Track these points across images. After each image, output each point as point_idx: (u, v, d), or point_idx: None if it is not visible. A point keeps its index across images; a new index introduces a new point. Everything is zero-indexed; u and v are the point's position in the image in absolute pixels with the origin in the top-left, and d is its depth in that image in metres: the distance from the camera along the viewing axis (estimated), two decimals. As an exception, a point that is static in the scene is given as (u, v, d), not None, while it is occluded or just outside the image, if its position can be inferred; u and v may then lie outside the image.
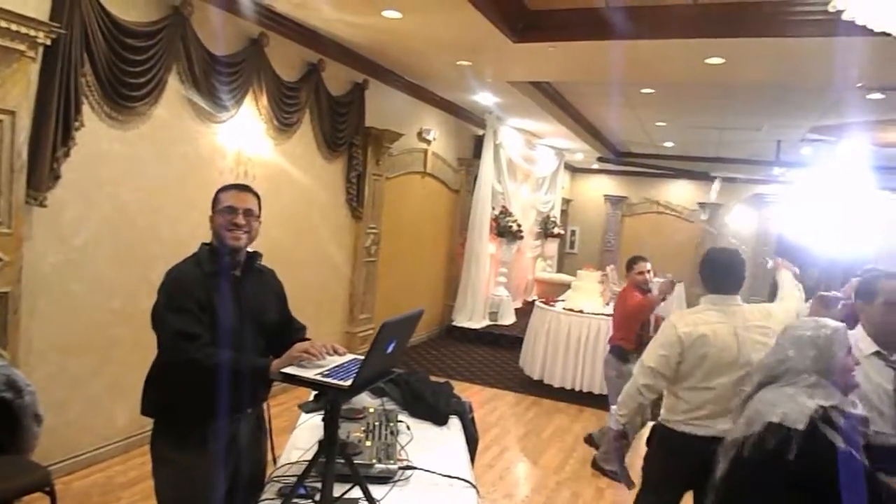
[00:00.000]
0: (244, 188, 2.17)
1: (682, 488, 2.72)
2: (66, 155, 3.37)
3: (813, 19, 4.13)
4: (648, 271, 4.45)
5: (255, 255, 2.20)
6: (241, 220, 2.07)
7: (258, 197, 2.20)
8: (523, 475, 4.44)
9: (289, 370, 1.78)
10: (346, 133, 5.81)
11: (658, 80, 6.54)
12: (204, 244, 2.13)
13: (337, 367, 1.82)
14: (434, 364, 7.07)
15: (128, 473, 3.69)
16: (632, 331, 4.34)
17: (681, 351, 2.61)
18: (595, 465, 4.49)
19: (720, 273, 2.75)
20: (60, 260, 3.51)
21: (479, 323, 8.71)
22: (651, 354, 2.70)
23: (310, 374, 1.75)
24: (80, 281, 3.60)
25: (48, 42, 3.11)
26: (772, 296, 3.13)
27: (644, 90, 7.20)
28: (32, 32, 2.99)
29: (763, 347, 2.39)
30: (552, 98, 7.86)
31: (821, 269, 8.95)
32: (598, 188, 14.93)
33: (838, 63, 4.92)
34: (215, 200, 2.12)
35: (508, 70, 6.21)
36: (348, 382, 1.69)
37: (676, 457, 2.65)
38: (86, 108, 3.47)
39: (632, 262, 4.54)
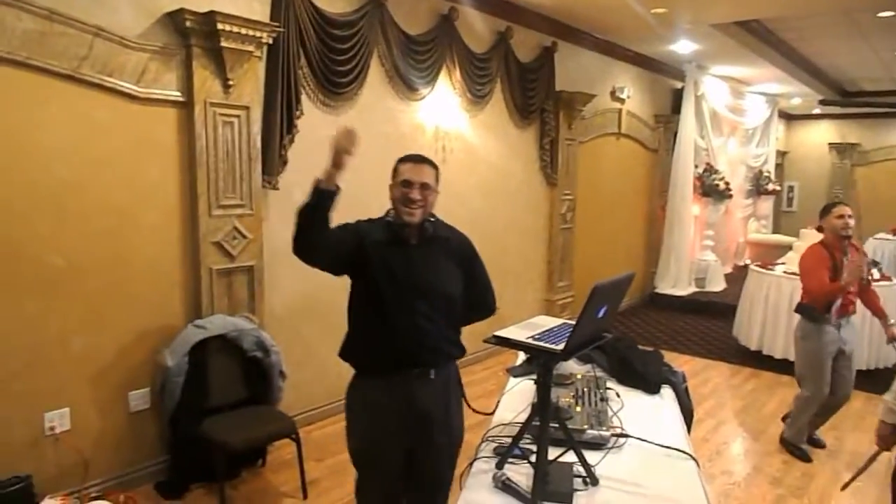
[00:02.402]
0: (422, 160, 2.15)
1: None
2: (291, 142, 3.76)
3: None
4: (850, 216, 3.75)
5: (431, 224, 2.15)
6: (416, 194, 2.06)
7: (436, 168, 2.18)
8: (744, 451, 4.11)
9: (501, 333, 1.80)
10: (536, 99, 5.75)
11: (900, -1, 5.51)
12: (389, 210, 2.18)
13: (547, 331, 1.81)
14: (637, 333, 6.81)
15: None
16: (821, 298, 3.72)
17: None
18: (783, 441, 4.08)
19: None
20: (291, 237, 3.93)
21: (684, 290, 8.21)
22: None
23: (522, 337, 1.76)
24: (308, 255, 4.02)
25: (270, 41, 3.47)
26: None
27: (881, 14, 6.12)
28: (258, 34, 3.35)
29: None
30: (762, 37, 7.01)
31: None
32: (821, 136, 13.14)
33: None
34: (395, 171, 2.14)
35: (709, 11, 5.65)
36: (560, 346, 1.67)
37: None
38: (304, 98, 3.83)
39: (828, 208, 3.87)
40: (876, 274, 5.30)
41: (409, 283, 2.08)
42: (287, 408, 3.62)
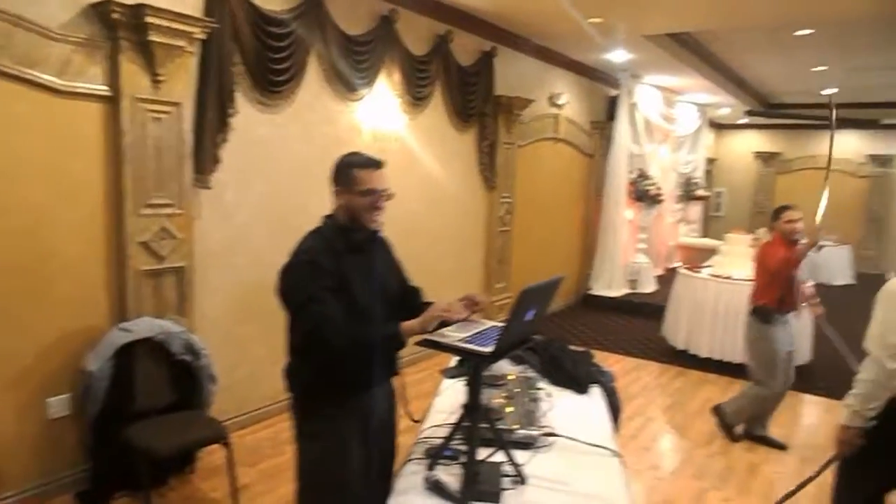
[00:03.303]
0: (379, 164, 2.04)
1: None
2: (225, 140, 3.68)
3: None
4: (799, 220, 3.95)
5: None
6: (383, 202, 2.02)
7: None
8: (670, 447, 4.28)
9: (432, 337, 1.82)
10: (476, 103, 5.82)
11: (816, 18, 5.86)
12: (328, 218, 2.07)
13: (478, 333, 1.85)
14: (571, 333, 6.98)
15: (292, 430, 4.03)
16: (776, 289, 3.95)
17: None
18: (715, 410, 4.38)
19: None
20: (225, 236, 3.86)
21: (617, 291, 8.46)
22: (889, 329, 2.31)
23: (452, 340, 1.79)
24: (242, 255, 3.94)
25: (203, 37, 3.39)
26: None
27: (799, 32, 6.49)
28: (190, 29, 3.26)
29: None
30: (692, 49, 7.33)
31: None
32: (747, 145, 13.81)
33: None
34: (351, 178, 1.99)
35: (643, 23, 5.86)
36: (490, 349, 1.71)
37: None
38: (238, 96, 3.76)
39: (778, 211, 4.07)
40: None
41: (376, 290, 2.06)
42: (219, 412, 3.54)
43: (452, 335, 1.83)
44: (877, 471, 2.53)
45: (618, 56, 7.22)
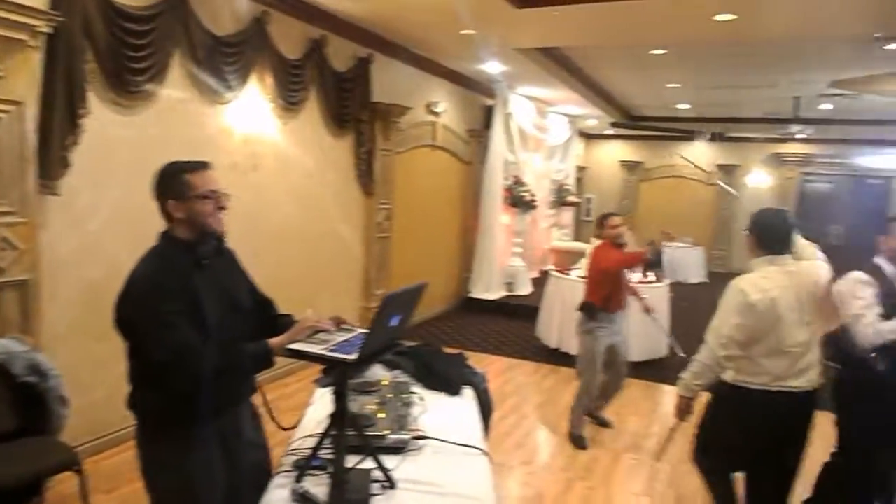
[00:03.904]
0: (209, 164, 1.94)
1: (759, 446, 2.76)
2: (75, 143, 3.41)
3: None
4: (621, 225, 4.35)
5: (220, 237, 1.98)
6: (226, 203, 1.92)
7: None
8: (541, 442, 4.48)
9: (295, 346, 1.80)
10: (352, 109, 5.79)
11: (667, 40, 6.41)
12: (165, 235, 1.92)
13: (344, 341, 1.85)
14: (451, 336, 7.13)
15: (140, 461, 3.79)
16: (604, 288, 4.27)
17: (756, 317, 2.62)
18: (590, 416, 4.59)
19: (776, 233, 2.75)
20: (77, 246, 3.57)
21: (495, 294, 8.73)
22: (725, 323, 2.68)
23: (316, 349, 1.78)
24: (98, 266, 3.66)
25: (49, 31, 3.13)
26: None
27: (654, 51, 7.06)
28: (32, 21, 3.00)
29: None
30: (561, 64, 7.74)
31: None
32: (614, 154, 14.76)
33: (853, 13, 4.78)
34: (185, 185, 1.85)
35: (514, 37, 6.12)
36: (353, 356, 1.71)
37: (755, 416, 2.69)
38: (91, 96, 3.50)
39: (602, 219, 4.45)
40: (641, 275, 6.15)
41: (227, 306, 1.96)
42: (73, 436, 3.26)
43: (317, 344, 1.82)
44: (720, 453, 2.86)
45: (492, 67, 7.48)
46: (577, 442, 4.32)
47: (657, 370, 5.90)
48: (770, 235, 2.74)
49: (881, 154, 12.29)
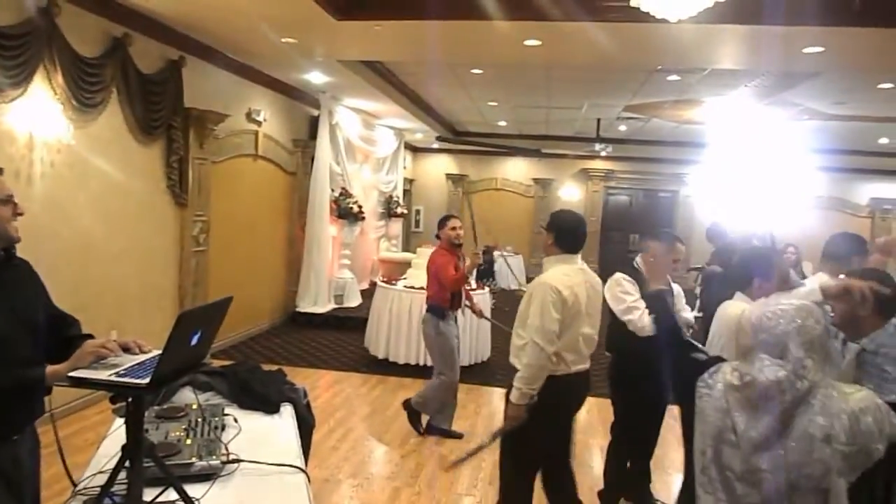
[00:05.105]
0: (1, 170, 1.90)
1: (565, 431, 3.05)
2: None
3: (618, 5, 4.46)
4: (461, 227, 4.67)
5: (11, 248, 1.88)
6: (21, 208, 1.84)
7: None
8: (368, 453, 4.47)
9: (77, 374, 1.62)
10: (162, 114, 5.39)
11: (483, 60, 6.78)
12: None
13: (136, 364, 1.70)
14: (277, 353, 6.89)
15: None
16: (447, 291, 4.58)
17: (566, 311, 2.79)
18: (429, 429, 4.74)
19: (573, 235, 2.97)
20: None
21: (324, 307, 8.60)
22: (547, 320, 2.75)
23: (103, 375, 1.61)
24: None
25: None
26: None
27: (474, 70, 7.44)
28: None
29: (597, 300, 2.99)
30: (385, 77, 7.86)
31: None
32: (441, 167, 15.29)
33: (639, 47, 5.41)
34: None
35: (337, 49, 6.10)
36: (146, 380, 1.58)
37: (568, 396, 2.95)
38: None
39: (444, 220, 4.73)
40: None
41: (17, 323, 1.79)
42: None
43: (106, 369, 1.66)
44: (535, 447, 3.02)
45: (316, 78, 7.39)
46: (417, 424, 4.66)
47: (480, 373, 6.17)
48: (568, 235, 2.97)
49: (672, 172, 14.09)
